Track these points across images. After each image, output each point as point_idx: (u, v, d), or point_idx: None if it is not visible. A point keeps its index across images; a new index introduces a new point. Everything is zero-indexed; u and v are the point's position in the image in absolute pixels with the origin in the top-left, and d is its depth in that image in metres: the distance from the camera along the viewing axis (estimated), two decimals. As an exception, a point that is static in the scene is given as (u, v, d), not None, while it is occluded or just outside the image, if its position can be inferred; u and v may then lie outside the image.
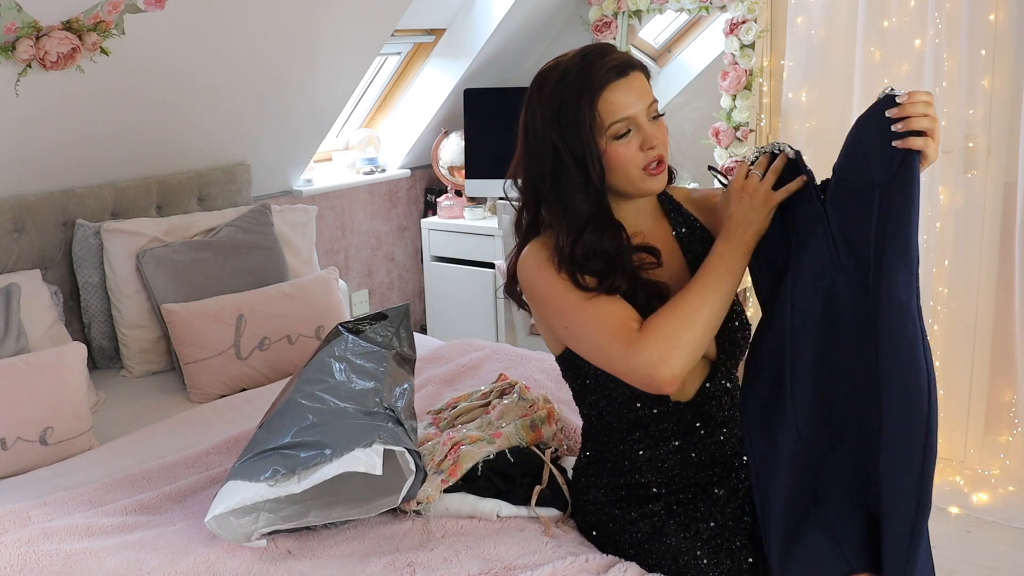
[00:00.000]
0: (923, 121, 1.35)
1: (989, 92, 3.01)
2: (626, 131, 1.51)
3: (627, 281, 1.54)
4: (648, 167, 1.53)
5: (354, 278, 4.16)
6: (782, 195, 1.49)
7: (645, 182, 1.54)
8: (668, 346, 1.42)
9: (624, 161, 1.51)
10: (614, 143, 1.51)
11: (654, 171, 1.53)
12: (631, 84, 1.51)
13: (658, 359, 1.42)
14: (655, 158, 1.52)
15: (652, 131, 1.52)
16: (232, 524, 1.69)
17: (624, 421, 1.63)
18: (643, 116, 1.51)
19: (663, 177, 1.56)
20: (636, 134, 1.51)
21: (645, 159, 1.52)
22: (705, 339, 1.48)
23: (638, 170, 1.52)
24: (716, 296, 1.47)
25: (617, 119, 1.49)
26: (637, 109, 1.50)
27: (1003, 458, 3.12)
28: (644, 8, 3.83)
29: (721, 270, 1.48)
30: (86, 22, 2.41)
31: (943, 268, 3.14)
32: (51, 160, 2.73)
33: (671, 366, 1.42)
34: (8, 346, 2.34)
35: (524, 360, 2.64)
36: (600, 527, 1.68)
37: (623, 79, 1.50)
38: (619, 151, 1.51)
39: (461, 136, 4.10)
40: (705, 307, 1.46)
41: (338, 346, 1.95)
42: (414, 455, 1.73)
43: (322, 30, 3.11)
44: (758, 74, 3.54)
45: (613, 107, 1.49)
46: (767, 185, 1.50)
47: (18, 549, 1.71)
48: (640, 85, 1.52)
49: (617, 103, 1.49)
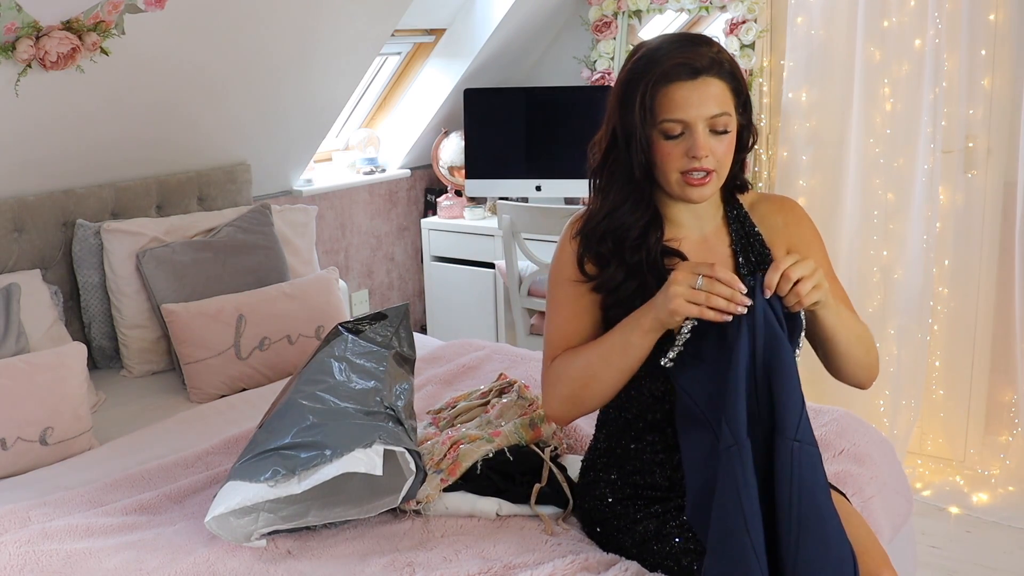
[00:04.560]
0: (809, 278, 1.38)
1: (989, 92, 3.01)
2: (678, 133, 1.48)
3: (626, 273, 1.55)
4: (688, 175, 1.50)
5: (354, 278, 4.16)
6: (694, 312, 1.40)
7: (682, 189, 1.52)
8: (558, 393, 1.57)
9: (666, 160, 1.50)
10: (663, 140, 1.50)
11: (694, 181, 1.50)
12: (699, 87, 1.47)
13: (551, 397, 1.59)
14: (697, 168, 1.49)
15: (704, 141, 1.48)
16: (232, 524, 1.69)
17: (643, 421, 1.63)
18: (700, 124, 1.47)
19: (703, 191, 1.52)
20: (686, 138, 1.49)
21: (686, 165, 1.49)
22: (593, 398, 1.55)
23: (677, 174, 1.50)
24: (607, 365, 1.51)
25: (669, 117, 1.48)
26: (695, 115, 1.47)
27: (1003, 458, 3.12)
28: (644, 8, 3.83)
29: (617, 342, 1.50)
30: (86, 22, 2.41)
31: (943, 268, 3.14)
32: (51, 160, 2.73)
33: (557, 410, 1.59)
34: (8, 346, 2.34)
35: (524, 360, 2.64)
36: (604, 524, 1.68)
37: (692, 80, 1.47)
38: (664, 149, 1.50)
39: (461, 136, 4.09)
40: (595, 372, 1.52)
41: (338, 346, 1.95)
42: (414, 455, 1.73)
43: (322, 30, 3.11)
44: (758, 74, 3.54)
45: (670, 104, 1.47)
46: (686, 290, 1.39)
47: (18, 549, 1.71)
48: (711, 92, 1.47)
49: (675, 102, 1.47)
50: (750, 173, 3.58)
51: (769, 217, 1.67)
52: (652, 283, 1.54)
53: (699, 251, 1.61)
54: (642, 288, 1.54)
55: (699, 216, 1.62)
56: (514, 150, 3.94)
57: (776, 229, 1.66)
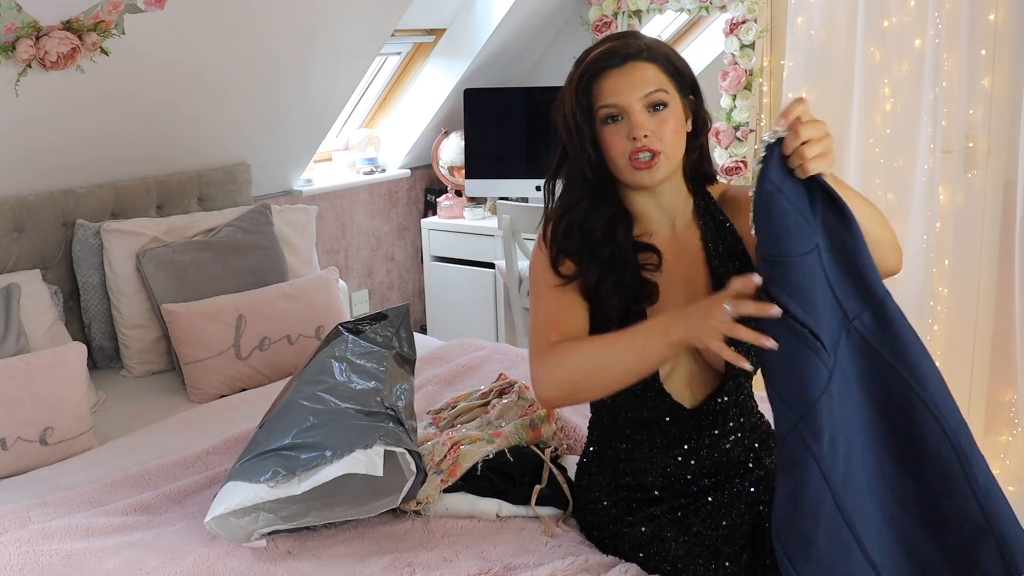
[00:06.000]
0: (818, 142, 1.27)
1: (989, 92, 3.01)
2: (616, 116, 1.51)
3: (601, 273, 1.54)
4: (634, 159, 1.51)
5: (354, 278, 4.16)
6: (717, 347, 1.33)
7: (631, 173, 1.52)
8: (557, 376, 1.47)
9: (611, 147, 1.52)
10: (604, 128, 1.52)
11: (641, 164, 1.51)
12: (627, 72, 1.50)
13: (546, 378, 1.48)
14: (640, 149, 1.50)
15: (640, 120, 1.49)
16: (232, 524, 1.69)
17: (631, 421, 1.63)
18: (636, 105, 1.50)
19: (653, 173, 1.51)
20: (626, 122, 1.51)
21: (630, 148, 1.50)
22: (592, 390, 1.51)
23: (624, 159, 1.52)
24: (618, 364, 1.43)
25: (603, 103, 1.51)
26: (627, 98, 1.50)
27: (1003, 458, 3.12)
28: (644, 8, 3.83)
29: (636, 344, 1.42)
30: (86, 22, 2.41)
31: (943, 268, 3.14)
32: (51, 160, 2.73)
33: (550, 393, 1.49)
34: (8, 346, 2.34)
35: (524, 360, 2.64)
36: (601, 527, 1.68)
37: (620, 67, 1.50)
38: (607, 137, 1.52)
39: (461, 136, 4.10)
40: (604, 366, 1.44)
41: (338, 346, 1.95)
42: (415, 456, 1.73)
43: (322, 30, 3.11)
44: (758, 74, 3.54)
45: (602, 92, 1.51)
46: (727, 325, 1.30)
47: (18, 549, 1.71)
48: (641, 75, 1.50)
49: (608, 89, 1.51)
50: (750, 173, 3.58)
51: (737, 204, 1.64)
52: (628, 279, 1.54)
53: (670, 245, 1.60)
54: (619, 285, 1.54)
55: (667, 210, 1.62)
56: (514, 150, 3.94)
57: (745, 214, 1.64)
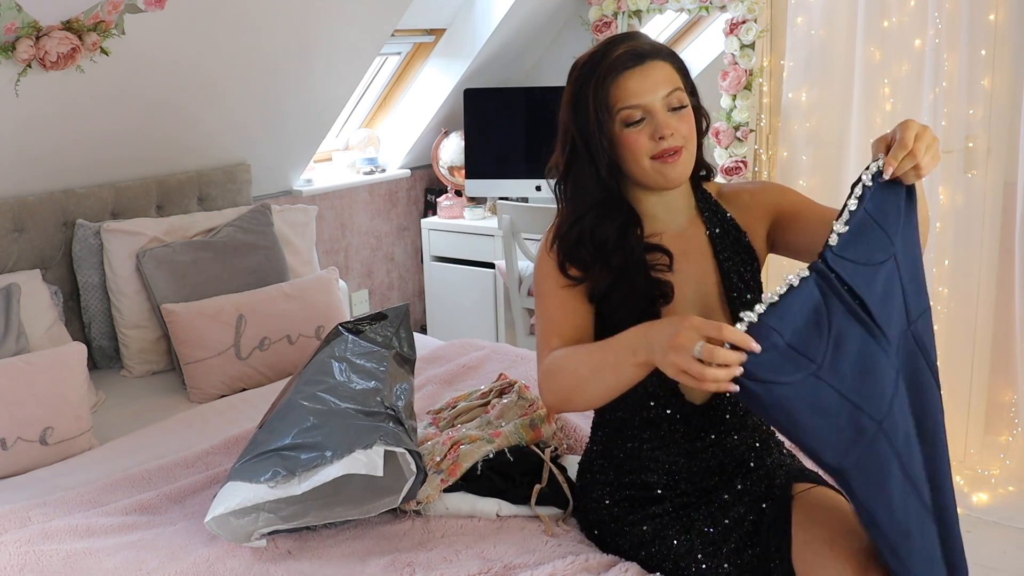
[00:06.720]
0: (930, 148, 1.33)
1: (989, 92, 3.01)
2: (638, 119, 1.50)
3: (613, 279, 1.53)
4: (660, 157, 1.51)
5: (354, 278, 4.16)
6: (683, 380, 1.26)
7: (658, 172, 1.52)
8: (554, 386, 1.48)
9: (634, 149, 1.51)
10: (626, 130, 1.51)
11: (669, 159, 1.51)
12: (647, 72, 1.50)
13: (545, 388, 1.50)
14: (666, 149, 1.50)
15: (666, 120, 1.50)
16: (232, 524, 1.69)
17: (636, 419, 1.63)
18: (658, 105, 1.50)
19: (679, 168, 1.52)
20: (649, 123, 1.50)
21: (655, 148, 1.50)
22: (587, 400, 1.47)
23: (648, 159, 1.51)
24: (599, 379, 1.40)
25: (627, 105, 1.49)
26: (651, 98, 1.49)
27: (1003, 458, 3.12)
28: (644, 8, 3.83)
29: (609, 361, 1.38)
30: (86, 22, 2.41)
31: (943, 268, 3.14)
32: (51, 160, 2.73)
33: (550, 401, 1.50)
34: (8, 346, 2.34)
35: (524, 360, 2.64)
36: (602, 526, 1.68)
37: (639, 66, 1.49)
38: (629, 138, 1.51)
39: (461, 136, 4.10)
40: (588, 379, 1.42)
41: (338, 346, 1.95)
42: (415, 456, 1.73)
43: (322, 30, 3.11)
44: (758, 74, 3.54)
45: (625, 93, 1.49)
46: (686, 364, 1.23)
47: (18, 549, 1.71)
48: (659, 74, 1.50)
49: (629, 89, 1.49)
50: (750, 173, 3.58)
51: (736, 198, 1.67)
52: (641, 284, 1.54)
53: (678, 243, 1.60)
54: (632, 291, 1.54)
55: (673, 209, 1.62)
56: (514, 150, 3.94)
57: (746, 206, 1.66)
